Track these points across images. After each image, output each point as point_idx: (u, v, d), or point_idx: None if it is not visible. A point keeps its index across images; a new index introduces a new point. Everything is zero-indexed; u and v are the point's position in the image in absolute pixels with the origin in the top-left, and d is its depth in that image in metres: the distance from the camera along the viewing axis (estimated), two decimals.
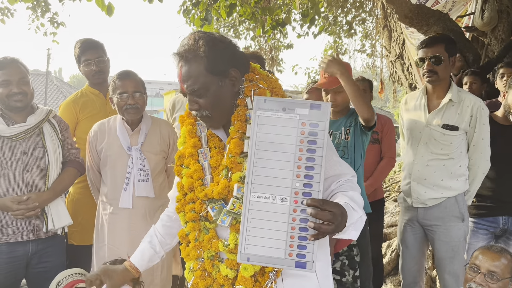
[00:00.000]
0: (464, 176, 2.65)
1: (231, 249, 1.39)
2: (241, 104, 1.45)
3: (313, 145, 1.20)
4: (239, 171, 1.39)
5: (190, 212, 1.48)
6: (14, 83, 2.29)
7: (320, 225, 1.13)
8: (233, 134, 1.43)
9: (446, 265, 2.62)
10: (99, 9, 3.49)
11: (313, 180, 1.18)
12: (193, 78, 1.40)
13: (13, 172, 2.30)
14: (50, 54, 26.54)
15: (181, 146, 1.58)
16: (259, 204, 1.21)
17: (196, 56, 1.39)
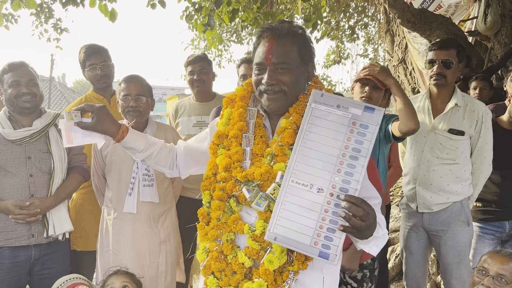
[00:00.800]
0: (469, 181, 2.64)
1: (255, 236, 1.38)
2: (302, 100, 1.51)
3: (359, 145, 1.24)
4: (283, 161, 1.42)
5: (219, 191, 1.48)
6: (24, 84, 2.30)
7: (351, 217, 1.18)
8: (288, 125, 1.47)
9: (453, 271, 2.60)
10: (103, 15, 3.50)
11: (352, 177, 1.22)
12: (285, 53, 1.45)
13: (16, 176, 2.29)
14: (53, 60, 26.69)
15: (222, 127, 1.59)
16: (296, 190, 1.26)
17: (294, 36, 1.48)
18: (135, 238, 2.49)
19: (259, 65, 1.48)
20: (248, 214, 1.44)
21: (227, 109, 1.62)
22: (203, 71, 3.19)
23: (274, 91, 1.46)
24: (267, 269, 1.35)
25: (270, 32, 1.48)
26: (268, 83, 1.45)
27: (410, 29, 4.62)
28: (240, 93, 1.62)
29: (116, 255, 2.50)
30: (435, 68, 2.57)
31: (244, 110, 1.57)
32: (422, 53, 5.80)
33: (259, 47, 1.49)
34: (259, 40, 1.51)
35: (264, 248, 1.38)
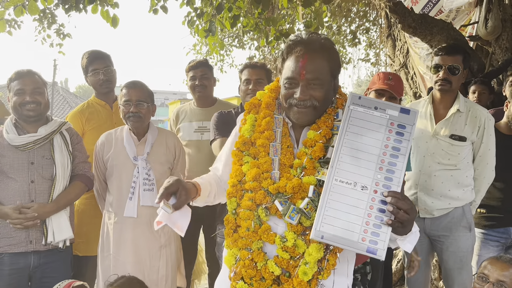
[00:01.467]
0: (470, 186, 2.63)
1: (286, 247, 1.41)
2: (330, 113, 1.54)
3: (398, 144, 1.31)
4: (312, 175, 1.45)
5: (248, 200, 1.48)
6: (28, 92, 2.32)
7: (398, 211, 1.24)
8: (317, 138, 1.49)
9: (455, 277, 2.59)
10: (105, 21, 3.52)
11: (394, 175, 1.28)
12: (318, 70, 1.47)
13: (18, 181, 2.29)
14: (56, 65, 26.83)
15: (246, 133, 1.58)
16: (339, 188, 1.30)
17: (326, 51, 1.49)
18: (135, 242, 2.50)
19: (291, 80, 1.49)
20: (276, 224, 1.46)
21: (251, 115, 1.62)
22: (205, 76, 3.20)
23: (305, 106, 1.48)
24: (302, 280, 1.39)
25: (302, 46, 1.48)
26: (301, 99, 1.47)
27: (411, 34, 4.62)
28: (266, 100, 1.61)
29: (116, 259, 2.51)
30: (441, 74, 2.55)
31: (271, 118, 1.57)
32: (423, 58, 5.80)
33: (290, 61, 1.50)
34: (289, 52, 1.51)
35: (294, 258, 1.42)
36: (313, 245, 1.40)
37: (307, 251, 1.40)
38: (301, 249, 1.41)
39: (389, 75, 2.62)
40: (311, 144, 1.51)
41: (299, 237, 1.42)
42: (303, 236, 1.43)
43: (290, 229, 1.42)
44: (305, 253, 1.41)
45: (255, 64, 2.93)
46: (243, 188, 1.51)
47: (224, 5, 3.11)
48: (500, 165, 2.64)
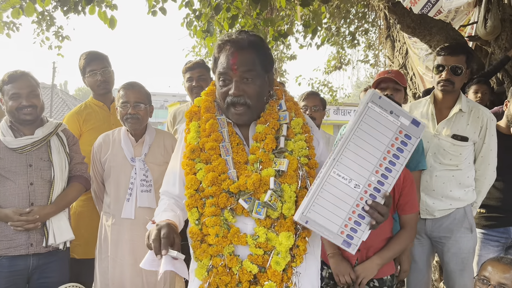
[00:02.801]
0: (472, 187, 2.61)
1: (259, 243, 1.41)
2: (273, 104, 1.59)
3: (399, 152, 1.36)
4: (269, 166, 1.46)
5: (210, 207, 1.45)
6: (24, 96, 2.29)
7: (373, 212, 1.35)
8: (267, 131, 1.52)
9: (456, 278, 2.56)
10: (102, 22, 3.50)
11: (386, 180, 1.35)
12: (249, 65, 1.50)
13: (16, 184, 2.28)
14: (55, 68, 26.81)
15: (193, 141, 1.56)
16: (335, 181, 1.36)
17: (254, 47, 1.52)
18: (133, 244, 2.48)
19: (224, 75, 1.51)
20: (244, 224, 1.46)
21: (193, 122, 1.61)
22: (202, 77, 3.18)
23: (240, 103, 1.50)
24: (275, 270, 1.40)
25: (232, 44, 1.51)
26: (236, 94, 1.49)
27: (410, 34, 4.61)
28: (205, 104, 1.62)
29: (114, 261, 2.49)
30: (444, 74, 2.51)
31: (214, 120, 1.57)
32: (422, 58, 5.79)
33: (222, 58, 1.52)
34: (220, 51, 1.54)
35: (268, 252, 1.42)
36: (283, 234, 1.41)
37: (277, 241, 1.41)
38: (273, 241, 1.42)
39: (388, 70, 2.63)
40: (262, 138, 1.52)
41: (270, 230, 1.43)
42: (272, 228, 1.43)
43: (259, 225, 1.43)
44: (276, 243, 1.41)
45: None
46: (203, 196, 1.48)
47: (222, 6, 3.10)
48: (500, 165, 2.62)
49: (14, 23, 6.41)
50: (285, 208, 1.43)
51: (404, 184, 2.22)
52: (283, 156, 1.50)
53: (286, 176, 1.46)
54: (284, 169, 1.45)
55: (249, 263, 1.41)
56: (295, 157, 1.50)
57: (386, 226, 2.22)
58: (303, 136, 1.56)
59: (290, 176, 1.46)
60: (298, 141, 1.54)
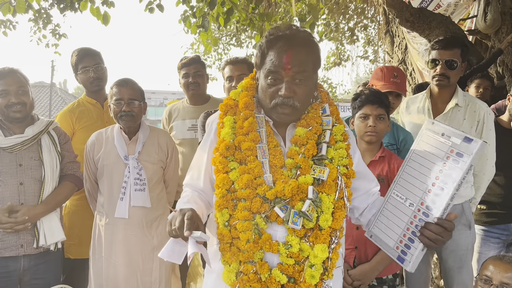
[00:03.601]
0: (470, 183, 2.57)
1: (291, 253, 1.34)
2: (317, 108, 1.52)
3: (451, 171, 1.36)
4: (308, 173, 1.39)
5: (243, 211, 1.37)
6: (13, 93, 2.25)
7: (424, 230, 1.37)
8: (309, 135, 1.45)
9: (454, 276, 2.52)
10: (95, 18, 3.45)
11: (439, 198, 1.37)
12: (302, 65, 1.42)
13: (6, 184, 2.23)
14: (54, 66, 26.79)
15: (228, 137, 1.47)
16: (394, 200, 1.49)
17: (307, 45, 1.45)
18: (127, 243, 2.44)
19: (274, 74, 1.42)
20: (275, 231, 1.38)
21: (228, 117, 1.51)
22: (198, 73, 3.13)
23: (288, 105, 1.42)
24: (310, 284, 1.34)
25: (285, 41, 1.42)
26: (286, 96, 1.40)
27: (409, 28, 4.56)
28: (244, 99, 1.52)
29: (108, 261, 2.45)
30: (438, 69, 2.48)
31: (254, 118, 1.48)
32: (421, 53, 5.74)
33: (273, 55, 1.42)
34: (271, 47, 1.44)
35: (299, 262, 1.35)
36: (319, 246, 1.34)
37: (312, 253, 1.35)
38: (306, 252, 1.35)
39: (394, 72, 2.59)
40: (302, 142, 1.45)
41: (303, 241, 1.36)
42: (306, 238, 1.37)
43: (292, 234, 1.35)
44: (310, 255, 1.35)
45: (236, 60, 2.87)
46: (235, 197, 1.40)
47: (217, 0, 3.05)
48: (502, 160, 2.58)
49: (10, 21, 6.36)
50: (322, 220, 1.36)
51: None
52: (323, 164, 1.42)
53: (325, 186, 1.39)
54: (325, 178, 1.39)
55: (278, 272, 1.34)
56: (334, 166, 1.43)
57: None
58: (344, 144, 1.49)
59: (329, 186, 1.40)
60: (339, 149, 1.47)
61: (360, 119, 2.20)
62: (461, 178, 1.33)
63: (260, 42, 1.50)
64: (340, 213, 1.40)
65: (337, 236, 1.40)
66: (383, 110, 2.18)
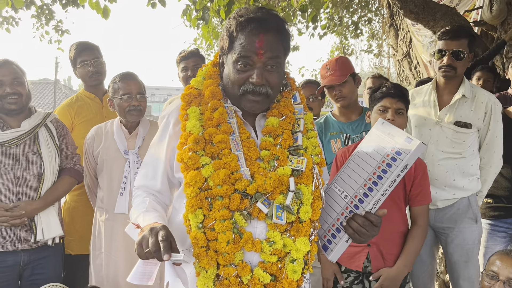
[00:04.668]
0: (476, 176, 2.52)
1: (275, 250, 1.27)
2: (288, 96, 1.46)
3: (388, 167, 1.38)
4: (285, 164, 1.33)
5: (220, 210, 1.26)
6: (7, 83, 2.21)
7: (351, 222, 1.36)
8: (284, 125, 1.39)
9: (460, 270, 2.48)
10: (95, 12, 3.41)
11: (371, 193, 1.37)
12: (275, 51, 1.33)
13: (3, 179, 2.19)
14: (58, 63, 26.83)
15: (196, 130, 1.34)
16: (332, 192, 1.49)
17: (279, 29, 1.35)
18: (127, 239, 2.39)
19: (245, 59, 1.31)
20: (253, 227, 1.29)
21: (193, 107, 1.38)
22: (197, 66, 3.09)
23: (260, 93, 1.33)
24: (292, 279, 1.27)
25: (257, 24, 1.31)
26: (259, 83, 1.31)
27: (413, 20, 4.49)
28: (210, 88, 1.40)
29: (108, 257, 2.43)
30: (445, 60, 2.42)
31: (224, 108, 1.38)
32: (426, 46, 5.67)
33: (243, 39, 1.31)
34: (241, 29, 1.32)
35: (280, 259, 1.28)
36: (301, 240, 1.28)
37: (294, 247, 1.28)
38: (288, 247, 1.28)
39: (327, 66, 2.58)
40: (276, 132, 1.37)
41: (284, 235, 1.30)
42: (287, 232, 1.30)
43: (274, 229, 1.28)
44: (292, 250, 1.28)
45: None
46: (209, 195, 1.29)
47: None
48: (509, 153, 2.52)
49: (13, 18, 6.35)
50: (302, 212, 1.30)
51: (416, 173, 2.14)
52: (300, 154, 1.36)
53: (303, 176, 1.33)
54: (303, 168, 1.33)
55: (261, 271, 1.26)
56: (309, 155, 1.38)
57: (399, 219, 2.14)
58: (315, 132, 1.45)
59: (307, 176, 1.34)
60: (311, 138, 1.42)
61: (379, 111, 2.13)
62: (394, 175, 1.34)
63: (227, 24, 1.38)
64: (317, 203, 1.36)
65: (315, 227, 1.35)
66: (403, 104, 2.13)
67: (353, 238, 1.36)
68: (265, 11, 1.37)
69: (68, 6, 5.24)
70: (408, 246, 2.10)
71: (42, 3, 6.21)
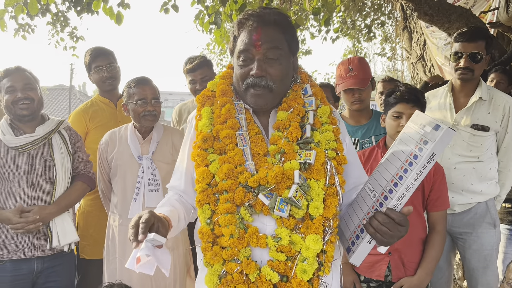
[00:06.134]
0: (495, 180, 2.47)
1: (282, 247, 1.22)
2: (297, 89, 1.43)
3: (414, 159, 1.25)
4: (293, 159, 1.29)
5: (225, 203, 1.27)
6: (19, 89, 2.23)
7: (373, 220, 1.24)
8: (291, 118, 1.35)
9: (478, 276, 2.42)
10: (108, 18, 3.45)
11: (396, 188, 1.25)
12: (274, 42, 1.34)
13: (18, 185, 2.21)
14: (73, 69, 27.24)
15: (205, 128, 1.38)
16: (364, 192, 1.38)
17: (281, 24, 1.36)
18: None
19: (245, 53, 1.34)
20: (263, 224, 1.27)
21: (206, 108, 1.43)
22: (205, 79, 3.04)
23: (261, 85, 1.33)
24: (301, 280, 1.21)
25: (255, 19, 1.35)
26: (258, 74, 1.32)
27: (427, 22, 4.43)
28: (221, 87, 1.44)
29: (122, 262, 2.42)
30: (462, 62, 2.39)
31: (231, 105, 1.40)
32: (441, 48, 5.60)
33: (243, 35, 1.36)
34: (241, 27, 1.37)
35: (291, 258, 1.24)
36: (310, 237, 1.23)
37: (304, 245, 1.23)
38: (298, 245, 1.23)
39: (349, 65, 2.51)
40: (284, 126, 1.35)
41: (294, 232, 1.24)
42: (297, 230, 1.25)
43: (281, 225, 1.24)
44: (302, 248, 1.23)
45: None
46: (216, 191, 1.30)
47: None
48: None
49: (29, 25, 6.46)
50: (312, 207, 1.24)
51: (435, 177, 2.09)
52: (309, 147, 1.31)
53: (313, 171, 1.28)
54: (312, 161, 1.27)
55: (268, 269, 1.22)
56: (322, 150, 1.32)
57: (419, 225, 2.10)
58: (330, 126, 1.37)
59: (317, 171, 1.28)
60: (325, 132, 1.35)
61: (393, 117, 2.09)
62: (419, 167, 1.21)
63: (232, 27, 1.44)
64: (332, 200, 1.28)
65: (330, 226, 1.27)
66: (418, 109, 2.08)
67: (375, 239, 1.25)
68: (266, 8, 1.40)
69: (82, 12, 5.32)
70: (428, 253, 2.05)
71: (58, 10, 6.31)
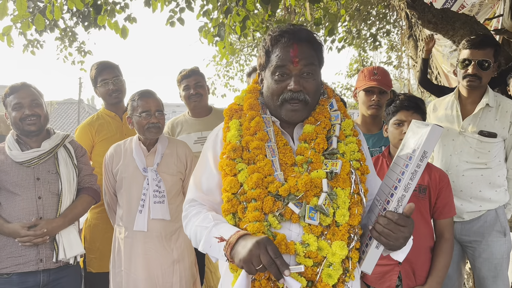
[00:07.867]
0: (504, 187, 2.43)
1: (309, 252, 1.25)
2: (324, 103, 1.49)
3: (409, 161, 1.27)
4: (319, 168, 1.35)
5: (253, 211, 1.30)
6: (26, 106, 2.26)
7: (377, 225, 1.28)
8: (318, 130, 1.41)
9: (488, 285, 2.38)
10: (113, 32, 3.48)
11: (396, 190, 1.27)
12: (310, 58, 1.40)
13: (25, 198, 2.22)
14: (82, 83, 27.55)
15: (234, 139, 1.43)
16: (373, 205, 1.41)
17: (312, 40, 1.43)
18: (146, 257, 2.41)
19: (281, 69, 1.39)
20: (289, 230, 1.30)
21: (234, 120, 1.48)
22: (199, 84, 3.11)
23: (298, 99, 1.39)
24: (326, 284, 1.25)
25: (290, 36, 1.40)
26: (296, 89, 1.37)
27: (431, 30, 4.42)
28: (248, 101, 1.49)
29: (128, 275, 2.42)
30: (470, 69, 2.37)
31: (260, 118, 1.45)
32: (446, 56, 5.58)
33: (278, 51, 1.41)
34: (275, 43, 1.42)
35: (317, 263, 1.27)
36: (336, 243, 1.26)
37: (330, 251, 1.26)
38: (325, 251, 1.26)
39: (374, 70, 2.53)
40: (311, 138, 1.40)
41: (320, 238, 1.27)
42: (323, 236, 1.28)
43: (308, 232, 1.27)
44: (328, 253, 1.26)
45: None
46: (243, 199, 1.33)
47: (233, 9, 3.03)
48: None
49: (38, 41, 6.57)
50: (338, 215, 1.29)
51: (441, 185, 2.07)
52: (335, 157, 1.37)
53: (339, 180, 1.33)
54: (338, 170, 1.32)
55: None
56: (347, 160, 1.38)
57: (427, 233, 2.08)
58: (354, 138, 1.45)
59: (343, 180, 1.33)
60: (350, 144, 1.42)
61: (395, 125, 2.10)
62: (414, 166, 1.23)
63: (263, 42, 1.48)
64: (356, 208, 1.33)
65: (356, 233, 1.32)
66: (419, 116, 2.07)
67: (381, 243, 1.28)
68: (296, 26, 1.46)
69: (90, 27, 5.39)
70: (438, 261, 2.02)
71: (66, 25, 6.40)
